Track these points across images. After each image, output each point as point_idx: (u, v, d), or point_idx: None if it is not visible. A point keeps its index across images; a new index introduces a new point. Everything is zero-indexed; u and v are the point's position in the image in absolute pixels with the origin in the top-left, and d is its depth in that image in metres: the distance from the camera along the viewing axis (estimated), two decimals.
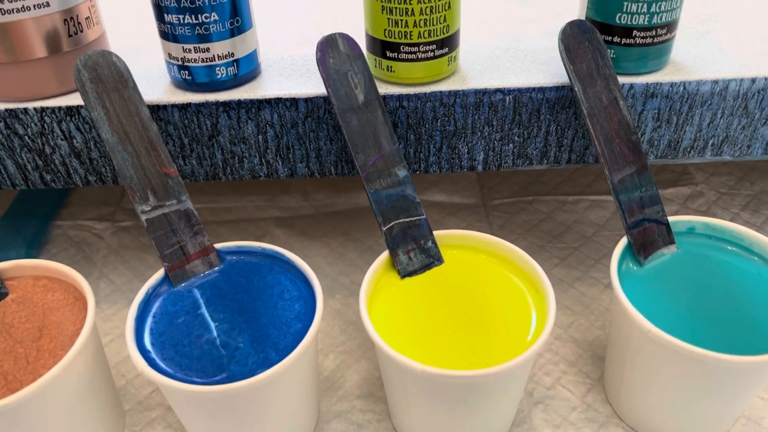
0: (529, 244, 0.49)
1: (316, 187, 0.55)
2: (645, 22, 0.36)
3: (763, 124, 0.39)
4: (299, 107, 0.38)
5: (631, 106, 0.38)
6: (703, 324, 0.33)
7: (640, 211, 0.36)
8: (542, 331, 0.32)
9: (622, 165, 0.36)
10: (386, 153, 0.36)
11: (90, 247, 0.50)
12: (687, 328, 0.33)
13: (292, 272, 0.36)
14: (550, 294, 0.34)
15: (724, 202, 0.52)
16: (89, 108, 0.34)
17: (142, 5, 0.38)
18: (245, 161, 0.40)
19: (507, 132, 0.39)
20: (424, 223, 0.37)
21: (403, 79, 0.37)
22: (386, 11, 0.35)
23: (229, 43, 0.37)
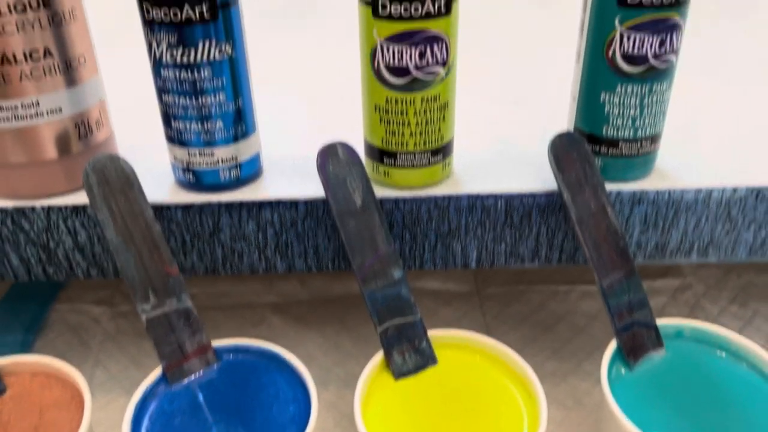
0: (521, 336, 0.50)
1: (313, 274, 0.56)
2: (630, 135, 0.37)
3: (746, 229, 0.40)
4: (299, 208, 0.39)
5: (619, 211, 0.40)
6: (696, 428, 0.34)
7: (629, 315, 0.37)
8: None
9: (611, 270, 0.37)
10: (382, 254, 0.37)
11: (87, 332, 0.51)
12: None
13: (288, 372, 0.37)
14: (542, 401, 0.34)
15: (712, 296, 0.53)
16: (95, 209, 0.36)
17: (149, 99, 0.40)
18: (245, 257, 0.41)
19: (499, 232, 0.41)
20: (419, 324, 0.38)
21: (399, 184, 0.39)
22: (384, 122, 0.37)
23: (233, 148, 0.38)
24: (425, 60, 0.35)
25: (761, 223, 0.40)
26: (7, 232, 0.39)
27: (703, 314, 0.51)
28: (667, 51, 0.35)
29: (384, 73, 0.35)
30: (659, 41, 0.34)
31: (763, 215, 0.40)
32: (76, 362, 0.48)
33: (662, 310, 0.52)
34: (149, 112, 0.42)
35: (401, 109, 0.36)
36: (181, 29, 0.34)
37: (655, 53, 0.35)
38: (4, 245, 0.40)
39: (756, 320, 0.51)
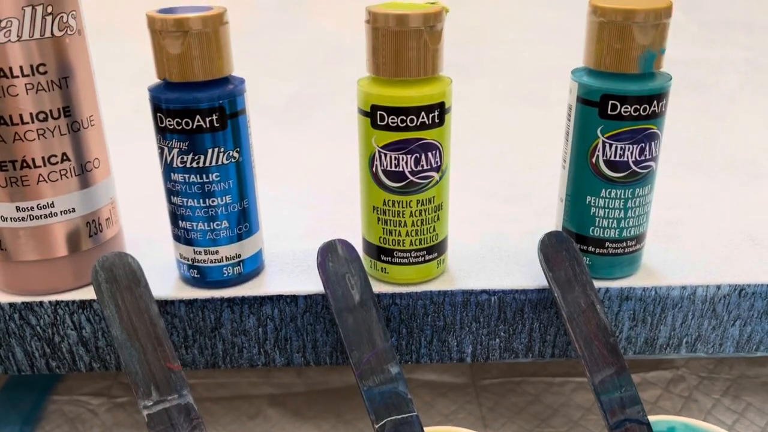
0: (518, 428, 0.50)
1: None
2: (616, 235, 0.39)
3: (731, 325, 0.42)
4: (299, 303, 0.40)
5: (608, 307, 0.41)
6: None
7: (621, 412, 0.38)
8: None
9: (602, 366, 0.38)
10: (379, 350, 0.38)
11: (84, 424, 0.51)
12: None
13: None
14: None
15: (705, 387, 0.54)
16: (102, 306, 0.37)
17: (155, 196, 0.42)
18: (244, 351, 0.42)
19: (493, 328, 0.42)
20: (416, 420, 0.38)
21: (396, 280, 0.40)
22: (381, 222, 0.39)
23: (237, 246, 0.40)
24: (420, 165, 0.37)
25: (746, 320, 0.42)
26: (14, 327, 0.40)
27: (696, 406, 0.52)
28: (646, 158, 0.37)
29: (381, 177, 0.37)
30: (639, 149, 0.37)
31: (747, 312, 0.41)
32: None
33: (656, 402, 0.52)
34: (155, 208, 0.44)
35: (397, 210, 0.38)
36: (192, 137, 0.36)
37: (635, 160, 0.37)
38: (10, 339, 0.41)
39: (749, 413, 0.51)
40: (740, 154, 0.61)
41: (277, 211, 0.51)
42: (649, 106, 0.36)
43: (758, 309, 0.41)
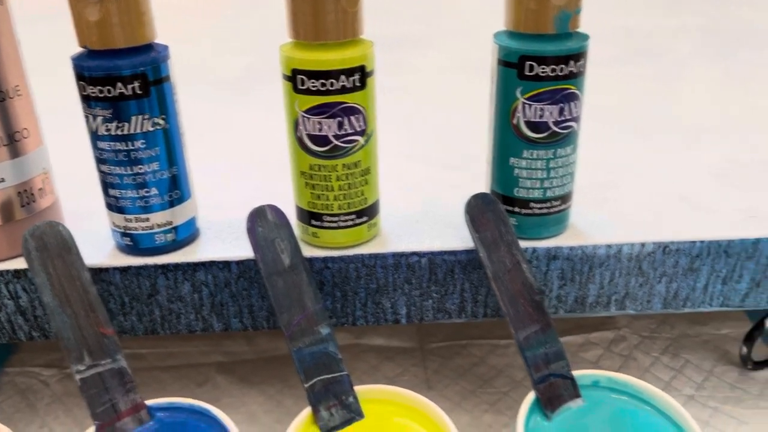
0: (461, 389, 0.51)
1: (260, 332, 0.57)
2: (540, 196, 0.40)
3: (658, 282, 0.43)
4: (231, 269, 0.41)
5: (536, 267, 0.42)
6: None
7: (545, 367, 0.39)
8: None
9: (527, 323, 0.39)
10: (310, 312, 0.39)
11: (35, 394, 0.52)
12: None
13: (219, 429, 0.38)
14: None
15: (645, 346, 0.55)
16: (33, 274, 0.37)
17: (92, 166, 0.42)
18: (182, 317, 0.43)
19: (425, 289, 0.43)
20: (346, 379, 0.39)
21: (327, 244, 0.41)
22: (310, 187, 0.39)
23: (169, 213, 0.40)
24: (344, 129, 0.37)
25: (671, 276, 0.43)
26: None
27: (635, 364, 0.53)
28: (566, 118, 0.38)
29: (306, 141, 0.38)
30: (558, 110, 0.37)
31: (672, 269, 0.42)
32: (22, 425, 0.49)
33: (597, 362, 0.53)
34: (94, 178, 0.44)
35: (324, 175, 0.39)
36: (115, 105, 0.37)
37: (555, 120, 0.38)
38: None
39: (686, 370, 0.53)
40: (685, 120, 0.62)
41: (222, 182, 0.51)
42: (566, 66, 0.36)
43: (683, 266, 0.42)
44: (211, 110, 0.68)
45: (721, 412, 0.49)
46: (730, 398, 0.50)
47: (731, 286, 0.43)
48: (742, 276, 0.43)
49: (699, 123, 0.60)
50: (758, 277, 0.43)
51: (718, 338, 0.56)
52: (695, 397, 0.50)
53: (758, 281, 0.43)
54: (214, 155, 0.57)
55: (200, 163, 0.46)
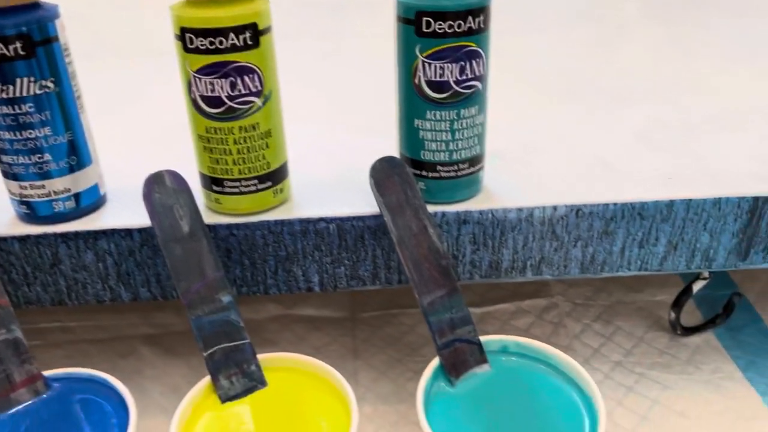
0: (388, 358, 0.51)
1: None
2: (446, 158, 0.39)
3: (573, 246, 0.42)
4: (134, 237, 0.40)
5: (447, 232, 0.41)
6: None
7: (450, 332, 0.38)
8: None
9: (433, 288, 0.39)
10: (210, 280, 0.38)
11: None
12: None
13: (116, 398, 0.37)
14: (354, 416, 0.35)
15: (577, 314, 0.54)
16: None
17: None
18: (88, 287, 0.42)
19: (337, 256, 0.42)
20: (248, 347, 0.38)
21: (232, 210, 0.40)
22: (208, 150, 0.38)
23: (67, 180, 0.39)
24: (237, 90, 0.36)
25: (587, 240, 0.42)
26: None
27: (564, 332, 0.52)
28: (468, 77, 0.37)
29: (200, 103, 0.37)
30: (459, 68, 0.36)
31: (587, 232, 0.42)
32: None
33: (528, 330, 0.53)
34: None
35: (221, 138, 0.38)
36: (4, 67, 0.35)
37: (456, 80, 0.37)
38: None
39: (617, 337, 0.52)
40: (619, 82, 0.60)
41: (134, 148, 0.50)
42: (464, 23, 0.35)
43: (597, 229, 0.41)
44: (122, 75, 0.66)
45: (647, 377, 0.49)
46: (658, 364, 0.50)
47: (648, 250, 0.42)
48: (659, 239, 0.42)
49: (632, 85, 0.59)
50: (675, 240, 0.42)
51: (653, 305, 0.56)
52: (622, 363, 0.50)
53: (675, 244, 0.42)
54: (126, 121, 0.55)
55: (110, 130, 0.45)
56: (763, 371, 0.49)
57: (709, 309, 0.54)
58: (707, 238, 0.42)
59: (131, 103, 0.60)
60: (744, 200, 0.41)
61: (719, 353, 0.51)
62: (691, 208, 0.41)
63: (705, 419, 0.45)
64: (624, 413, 0.46)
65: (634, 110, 0.54)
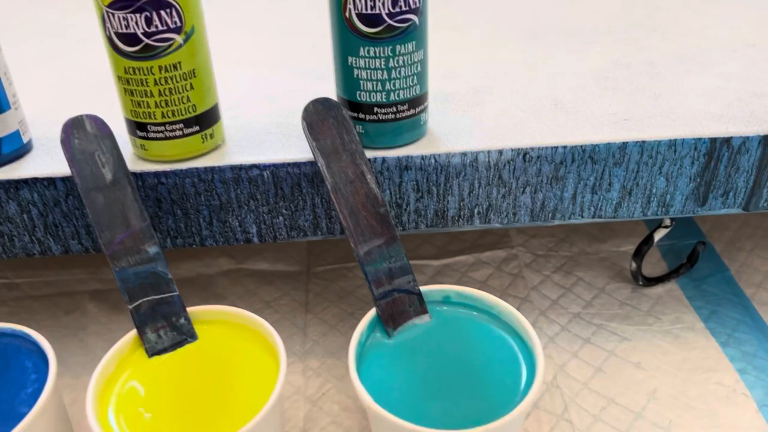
0: (339, 312, 0.49)
1: None
2: (383, 99, 0.37)
3: (522, 192, 0.40)
4: (57, 186, 0.38)
5: (389, 179, 0.39)
6: (436, 394, 0.33)
7: (388, 282, 0.37)
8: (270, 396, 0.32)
9: (370, 237, 0.37)
10: (135, 230, 0.36)
11: None
12: (421, 399, 0.33)
13: (39, 354, 0.36)
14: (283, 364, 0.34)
15: (538, 265, 0.53)
16: None
17: None
18: (15, 240, 0.40)
19: (274, 205, 0.40)
20: (177, 300, 0.37)
21: (159, 157, 0.38)
22: (129, 93, 0.36)
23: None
24: (154, 26, 0.34)
25: (536, 186, 0.40)
26: None
27: (522, 283, 0.51)
28: (402, 9, 0.34)
29: (115, 40, 0.34)
30: (392, 1, 0.34)
31: (536, 177, 0.39)
32: None
33: (485, 281, 0.51)
34: None
35: (141, 79, 0.35)
36: None
37: (389, 12, 0.34)
38: None
39: (577, 288, 0.51)
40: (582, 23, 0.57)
41: (65, 93, 0.47)
42: None
43: (546, 174, 0.39)
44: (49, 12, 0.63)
45: (605, 329, 0.47)
46: (618, 315, 0.48)
47: (601, 195, 0.40)
48: (612, 184, 0.40)
49: (597, 27, 0.56)
50: (629, 185, 0.40)
51: (617, 255, 0.54)
52: (581, 314, 0.48)
53: (629, 189, 0.40)
54: (57, 65, 0.52)
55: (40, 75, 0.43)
56: (724, 321, 0.47)
57: (675, 259, 0.53)
58: (663, 182, 0.40)
59: (60, 45, 0.57)
60: (701, 141, 0.39)
61: (681, 303, 0.49)
62: (645, 151, 0.39)
63: (661, 370, 0.44)
64: (578, 364, 0.44)
65: (596, 52, 0.51)
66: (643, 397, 0.42)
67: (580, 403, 0.42)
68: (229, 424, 0.32)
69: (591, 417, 0.41)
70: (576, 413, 0.41)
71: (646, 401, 0.42)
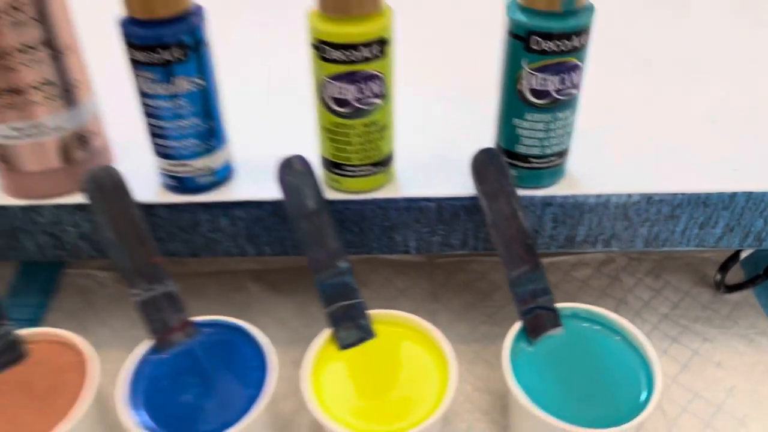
0: (464, 302, 0.58)
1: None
2: (539, 152, 0.44)
3: (641, 225, 0.48)
4: (263, 207, 0.47)
5: (532, 212, 0.47)
6: (574, 397, 0.42)
7: (532, 301, 0.45)
8: (441, 401, 0.42)
9: (519, 264, 0.45)
10: (331, 249, 0.45)
11: (94, 294, 0.60)
12: (561, 400, 0.42)
13: (254, 344, 0.46)
14: (453, 369, 0.43)
15: (632, 268, 0.61)
16: (94, 213, 0.43)
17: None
18: (220, 244, 0.49)
19: (433, 227, 0.48)
20: (360, 305, 0.46)
21: (347, 189, 0.46)
22: (331, 140, 0.44)
23: (207, 159, 0.45)
24: (363, 94, 0.41)
25: (654, 221, 0.48)
26: (24, 224, 0.47)
27: (619, 285, 0.59)
28: (567, 86, 0.41)
29: (329, 103, 0.42)
30: (560, 79, 0.41)
31: (655, 215, 0.47)
32: (84, 322, 0.57)
33: (586, 281, 0.60)
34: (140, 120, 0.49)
35: (345, 132, 0.43)
36: (159, 68, 0.41)
37: (557, 89, 0.41)
38: (21, 234, 0.48)
39: (665, 290, 0.59)
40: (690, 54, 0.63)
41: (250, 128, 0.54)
42: (569, 42, 0.39)
43: (664, 213, 0.47)
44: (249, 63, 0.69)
45: (690, 330, 0.56)
46: (701, 317, 0.57)
47: (707, 231, 0.48)
48: (718, 222, 0.48)
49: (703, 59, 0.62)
50: (732, 224, 0.48)
51: (699, 261, 0.62)
52: (669, 315, 0.57)
53: (732, 227, 0.48)
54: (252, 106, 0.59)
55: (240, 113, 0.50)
56: None
57: (752, 268, 0.61)
58: (762, 223, 0.48)
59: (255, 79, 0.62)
60: None
61: (755, 310, 0.57)
62: (751, 199, 0.46)
63: (738, 370, 0.53)
64: (668, 361, 0.53)
65: (705, 88, 0.57)
66: (722, 393, 0.51)
67: (670, 396, 0.51)
68: (403, 409, 0.42)
69: (679, 408, 0.50)
70: (667, 404, 0.50)
71: (725, 396, 0.51)
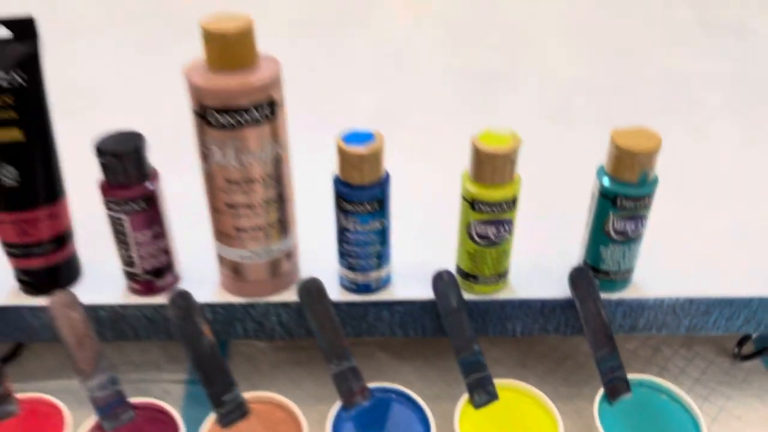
0: (545, 369, 0.76)
1: None
2: (616, 268, 0.63)
3: (684, 317, 0.67)
4: (416, 305, 0.65)
5: (610, 310, 0.66)
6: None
7: (611, 374, 0.64)
8: None
9: (601, 347, 0.64)
10: (468, 337, 0.63)
11: (257, 361, 0.77)
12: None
13: (415, 407, 0.63)
14: (560, 422, 0.61)
15: (669, 341, 0.79)
16: (304, 311, 0.62)
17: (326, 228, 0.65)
18: (378, 327, 0.67)
19: (536, 317, 0.67)
20: (488, 377, 0.64)
21: (479, 292, 0.65)
22: (471, 259, 0.63)
23: (378, 271, 0.64)
24: (500, 232, 0.60)
25: (693, 315, 0.66)
26: (241, 315, 0.65)
27: (661, 355, 0.78)
28: (638, 228, 0.60)
29: (474, 237, 0.61)
30: (635, 223, 0.60)
31: (695, 311, 0.66)
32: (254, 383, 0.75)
33: (635, 352, 0.78)
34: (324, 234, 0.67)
35: (482, 256, 0.62)
36: (361, 216, 0.59)
37: (632, 230, 0.60)
38: (237, 322, 0.66)
39: (696, 360, 0.77)
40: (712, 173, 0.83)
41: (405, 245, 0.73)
42: (643, 202, 0.59)
43: (701, 310, 0.66)
44: None
45: (716, 391, 0.74)
46: (724, 381, 0.75)
47: (732, 322, 0.67)
48: (740, 316, 0.66)
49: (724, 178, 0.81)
50: (749, 317, 0.66)
51: (721, 337, 0.81)
52: (700, 379, 0.75)
53: (749, 319, 0.67)
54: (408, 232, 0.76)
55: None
56: None
57: (761, 343, 0.79)
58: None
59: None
60: None
61: (765, 375, 0.76)
62: (763, 301, 0.65)
63: (754, 422, 0.71)
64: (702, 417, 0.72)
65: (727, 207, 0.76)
66: None
67: None
68: None
69: None
70: None
71: None
